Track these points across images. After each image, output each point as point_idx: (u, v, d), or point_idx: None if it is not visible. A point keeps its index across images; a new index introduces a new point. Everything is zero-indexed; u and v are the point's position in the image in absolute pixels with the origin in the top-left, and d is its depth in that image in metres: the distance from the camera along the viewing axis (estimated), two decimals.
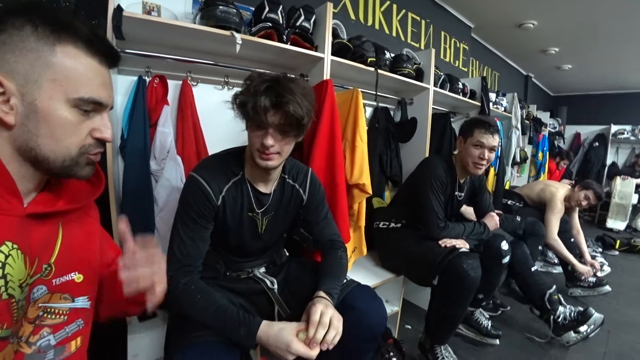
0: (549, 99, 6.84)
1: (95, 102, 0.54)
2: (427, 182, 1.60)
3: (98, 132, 0.57)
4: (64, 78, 0.51)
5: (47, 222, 0.58)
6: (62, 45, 0.51)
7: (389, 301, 1.94)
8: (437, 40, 3.05)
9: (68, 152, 0.54)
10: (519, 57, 4.72)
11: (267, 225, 1.06)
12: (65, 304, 0.60)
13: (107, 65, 0.57)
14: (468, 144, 1.60)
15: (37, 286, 0.56)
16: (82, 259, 0.64)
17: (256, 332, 0.82)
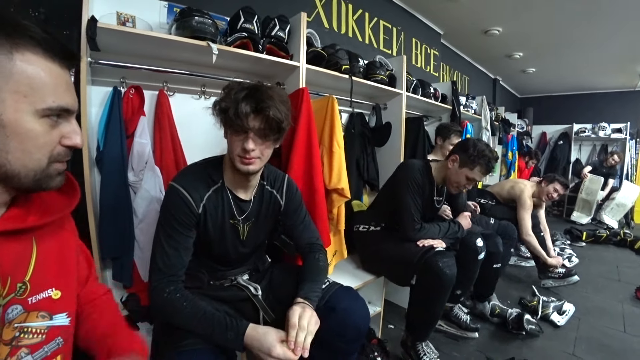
0: (516, 101, 7.19)
1: (63, 109, 0.52)
2: (403, 185, 1.62)
3: (68, 139, 0.54)
4: (28, 88, 0.48)
5: (20, 238, 0.55)
6: (20, 52, 0.47)
7: (371, 302, 1.97)
8: (409, 46, 3.17)
9: (39, 165, 0.52)
10: (486, 62, 4.95)
11: (248, 232, 1.07)
12: (43, 322, 0.57)
13: (67, 68, 0.54)
14: (464, 171, 1.58)
15: (11, 306, 0.53)
16: (59, 275, 0.61)
17: (244, 334, 0.83)
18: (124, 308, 1.30)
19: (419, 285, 1.54)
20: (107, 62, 1.18)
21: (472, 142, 1.58)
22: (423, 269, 1.49)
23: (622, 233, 3.76)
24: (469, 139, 1.68)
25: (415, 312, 1.64)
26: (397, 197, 1.65)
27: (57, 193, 0.61)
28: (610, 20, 3.22)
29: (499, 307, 2.06)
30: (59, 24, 1.24)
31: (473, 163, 1.54)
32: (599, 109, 6.23)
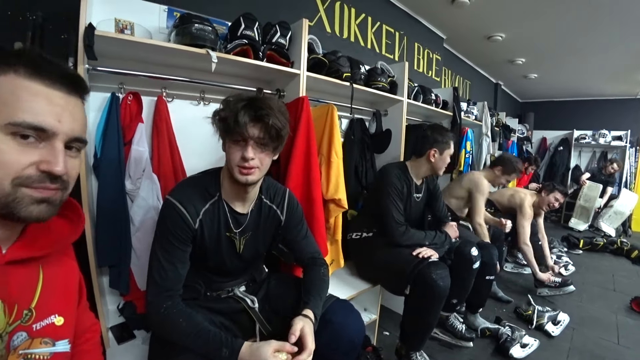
0: (517, 105, 7.18)
1: (34, 128, 0.48)
2: (384, 192, 1.70)
3: (45, 164, 0.50)
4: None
5: (27, 265, 0.56)
6: (3, 75, 0.48)
7: (367, 309, 1.97)
8: (411, 51, 3.16)
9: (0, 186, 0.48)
10: (488, 67, 4.95)
11: (245, 245, 1.07)
12: (46, 348, 0.58)
13: (61, 90, 0.52)
14: (445, 155, 1.76)
15: (17, 333, 0.53)
16: (62, 301, 0.62)
17: (238, 352, 0.83)
18: (120, 315, 1.30)
19: (412, 296, 1.55)
20: (105, 69, 1.17)
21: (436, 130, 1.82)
22: (416, 280, 1.50)
23: (619, 242, 3.77)
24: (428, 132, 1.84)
25: (409, 322, 1.64)
26: (380, 205, 1.70)
27: (63, 221, 0.60)
28: (613, 28, 3.21)
29: (488, 329, 2.04)
30: (56, 27, 1.22)
31: (446, 144, 1.77)
32: (600, 116, 6.23)
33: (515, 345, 1.85)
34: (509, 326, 1.98)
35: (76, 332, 0.68)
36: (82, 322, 0.73)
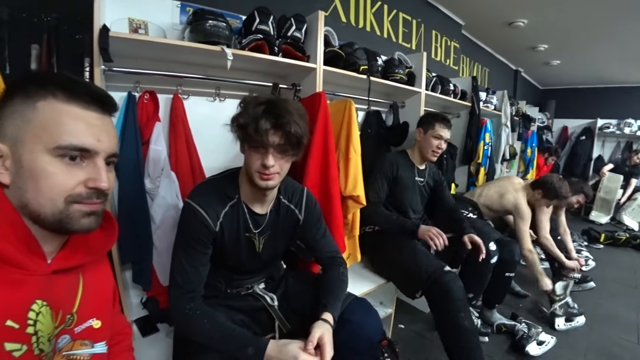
0: (538, 93, 6.93)
1: (78, 149, 0.53)
2: (375, 167, 1.79)
3: (92, 181, 0.55)
4: (42, 130, 0.51)
5: (69, 274, 0.60)
6: (43, 99, 0.51)
7: (383, 303, 1.98)
8: (428, 39, 3.06)
9: (54, 204, 0.52)
10: (508, 53, 4.76)
11: (264, 245, 1.08)
12: (85, 350, 0.62)
13: (95, 111, 0.56)
14: (429, 135, 1.78)
15: (61, 336, 0.58)
16: (99, 305, 0.66)
17: (264, 350, 0.84)
18: (144, 308, 1.34)
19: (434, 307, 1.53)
20: (121, 69, 1.16)
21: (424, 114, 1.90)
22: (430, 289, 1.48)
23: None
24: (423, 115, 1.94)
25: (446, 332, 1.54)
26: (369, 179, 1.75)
27: (99, 231, 0.63)
28: None
29: (504, 325, 2.01)
30: (71, 28, 1.23)
31: (431, 123, 1.77)
32: (626, 104, 5.91)
33: (532, 343, 1.82)
34: (526, 323, 1.95)
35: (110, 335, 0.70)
36: (114, 324, 0.75)
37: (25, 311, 0.50)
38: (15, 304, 0.49)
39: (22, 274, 0.51)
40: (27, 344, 0.50)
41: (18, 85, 0.52)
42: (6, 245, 0.49)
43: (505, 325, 2.00)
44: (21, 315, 0.50)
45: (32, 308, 0.51)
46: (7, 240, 0.50)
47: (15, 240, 0.51)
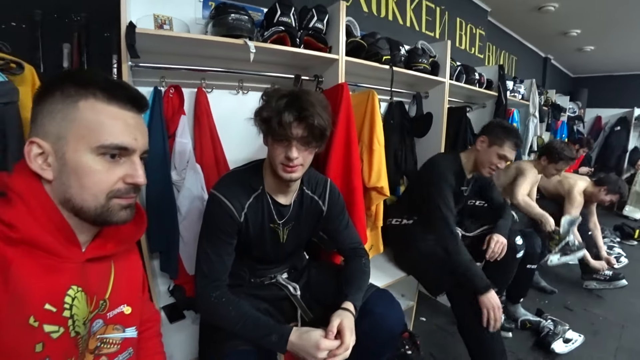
0: (569, 81, 6.59)
1: (118, 148, 0.56)
2: (434, 189, 1.53)
3: (130, 177, 0.58)
4: (86, 129, 0.54)
5: (102, 262, 0.64)
6: (84, 99, 0.54)
7: (404, 295, 1.98)
8: (453, 27, 2.96)
9: (97, 200, 0.56)
10: (538, 40, 4.53)
11: (288, 235, 1.09)
12: (117, 334, 0.66)
13: (131, 110, 0.59)
14: (493, 150, 1.54)
15: (96, 320, 0.62)
16: (129, 292, 0.70)
17: (288, 337, 0.86)
18: (171, 296, 1.39)
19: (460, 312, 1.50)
20: (147, 64, 1.19)
21: (496, 121, 1.61)
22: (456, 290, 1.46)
23: None
24: (493, 120, 1.67)
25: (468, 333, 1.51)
26: (430, 202, 1.55)
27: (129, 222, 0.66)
28: None
29: (529, 321, 1.96)
30: (100, 26, 1.27)
31: (501, 139, 1.53)
32: None
33: (558, 340, 1.77)
34: (552, 319, 1.90)
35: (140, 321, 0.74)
36: (144, 312, 0.79)
37: (62, 296, 0.54)
38: (53, 288, 0.53)
39: (59, 261, 0.54)
40: (64, 327, 0.53)
41: (57, 84, 0.54)
42: (46, 236, 0.53)
43: (530, 321, 1.95)
44: (58, 299, 0.53)
45: (68, 293, 0.54)
46: (46, 230, 0.53)
47: (54, 231, 0.55)
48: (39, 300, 0.51)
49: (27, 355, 0.49)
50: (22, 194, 0.52)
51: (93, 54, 1.28)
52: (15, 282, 0.48)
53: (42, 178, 0.55)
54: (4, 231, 0.49)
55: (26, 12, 1.18)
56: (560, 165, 2.24)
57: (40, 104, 0.54)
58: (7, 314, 0.46)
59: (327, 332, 0.87)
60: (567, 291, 2.42)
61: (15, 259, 0.49)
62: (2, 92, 0.70)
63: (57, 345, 0.52)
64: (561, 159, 2.21)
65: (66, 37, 1.24)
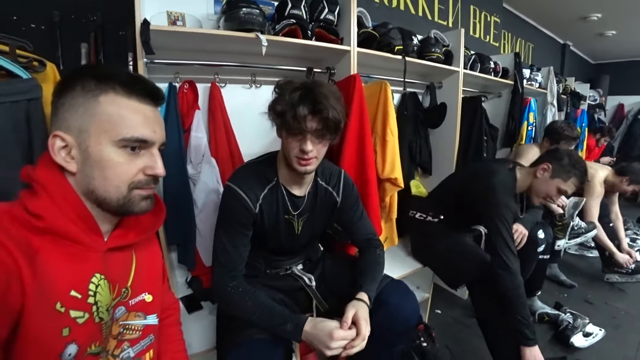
0: (589, 68, 6.35)
1: (139, 140, 0.58)
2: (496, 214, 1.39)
3: (150, 169, 0.60)
4: (107, 123, 0.56)
5: (124, 251, 0.66)
6: (104, 94, 0.56)
7: (419, 287, 1.97)
8: (466, 15, 2.89)
9: (119, 191, 0.58)
10: (556, 26, 4.39)
11: (302, 227, 1.10)
12: (139, 321, 0.68)
13: (149, 104, 0.61)
14: (555, 183, 1.44)
15: (118, 307, 0.64)
16: (150, 281, 0.72)
17: (303, 327, 0.87)
18: (189, 287, 1.43)
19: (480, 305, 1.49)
20: (162, 60, 1.21)
21: (566, 152, 1.48)
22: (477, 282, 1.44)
23: None
24: (561, 149, 1.56)
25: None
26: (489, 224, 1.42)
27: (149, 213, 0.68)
28: None
29: (547, 314, 1.92)
30: (115, 25, 1.30)
31: (568, 173, 1.42)
32: None
33: (577, 334, 1.73)
34: (571, 313, 1.86)
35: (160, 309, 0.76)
36: (165, 300, 0.81)
37: (86, 283, 0.56)
38: (78, 276, 0.55)
39: (83, 250, 0.57)
40: (88, 312, 0.55)
41: (77, 79, 0.56)
42: (70, 225, 0.55)
43: (548, 315, 1.91)
44: (83, 286, 0.55)
45: (92, 280, 0.56)
46: (70, 220, 0.55)
47: (78, 220, 0.57)
48: (65, 287, 0.53)
49: (55, 339, 0.51)
50: (47, 185, 0.54)
51: (109, 53, 1.31)
52: (42, 269, 0.50)
53: (65, 170, 0.57)
54: (30, 221, 0.51)
55: (45, 14, 1.22)
56: (563, 146, 2.15)
57: (62, 98, 0.56)
58: (36, 300, 0.48)
59: (342, 323, 0.88)
60: (587, 285, 2.36)
61: (41, 247, 0.51)
62: (26, 88, 0.73)
63: (83, 330, 0.54)
64: (562, 139, 2.16)
65: (83, 36, 1.27)
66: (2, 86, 0.71)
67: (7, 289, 0.44)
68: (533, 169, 1.52)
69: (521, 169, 1.59)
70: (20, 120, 0.74)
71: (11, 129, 0.73)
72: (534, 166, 1.53)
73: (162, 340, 0.78)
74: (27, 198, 0.53)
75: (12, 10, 1.18)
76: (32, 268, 0.48)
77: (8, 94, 0.71)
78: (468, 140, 2.26)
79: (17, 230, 0.50)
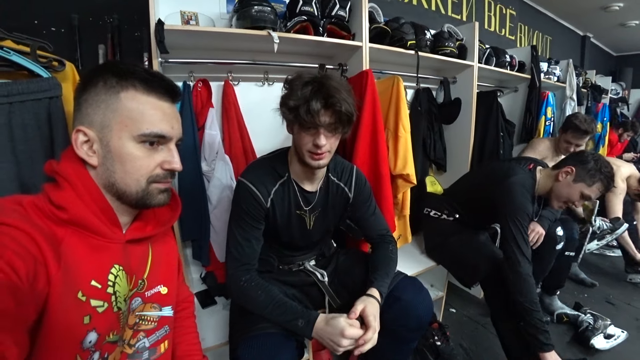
0: (611, 60, 6.12)
1: (157, 136, 0.60)
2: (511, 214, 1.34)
3: (167, 163, 0.62)
4: (128, 119, 0.58)
5: (141, 244, 0.68)
6: (125, 90, 0.58)
7: (433, 285, 1.95)
8: (480, 9, 2.83)
9: (138, 184, 0.60)
10: (574, 17, 4.24)
11: (314, 222, 1.10)
12: (155, 312, 0.70)
13: (167, 101, 0.63)
14: (578, 187, 1.38)
15: (135, 298, 0.66)
16: (166, 274, 0.74)
17: (314, 323, 0.88)
18: (203, 283, 1.45)
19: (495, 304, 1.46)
20: (176, 59, 1.24)
21: (592, 156, 1.41)
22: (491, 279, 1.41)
23: None
24: (587, 151, 1.49)
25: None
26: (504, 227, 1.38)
27: (165, 207, 0.70)
28: None
29: (566, 315, 1.86)
30: (131, 27, 1.34)
31: (592, 178, 1.36)
32: None
33: (598, 335, 1.67)
34: (591, 314, 1.80)
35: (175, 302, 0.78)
36: (180, 293, 0.83)
37: (106, 273, 0.58)
38: (98, 266, 0.57)
39: (104, 241, 0.59)
40: (107, 302, 0.57)
41: (99, 75, 0.58)
42: (92, 217, 0.57)
43: (567, 315, 1.86)
44: (103, 276, 0.57)
45: (111, 271, 0.58)
46: (92, 212, 0.58)
47: (99, 213, 0.59)
48: (87, 277, 0.55)
49: (77, 325, 0.53)
50: (70, 178, 0.57)
51: (126, 53, 1.35)
52: (65, 259, 0.52)
53: (87, 164, 0.59)
54: (54, 212, 0.54)
55: (65, 18, 1.26)
56: (569, 137, 2.06)
57: (85, 94, 0.58)
58: (61, 287, 0.50)
59: (350, 313, 0.89)
60: (609, 284, 2.29)
61: (65, 237, 0.53)
62: (47, 87, 0.76)
63: (102, 318, 0.56)
64: (569, 128, 2.04)
65: (101, 38, 1.31)
66: (25, 85, 0.74)
67: (35, 275, 0.46)
68: (555, 171, 1.46)
69: (543, 170, 1.53)
70: (42, 117, 0.77)
71: (35, 125, 0.76)
72: (556, 169, 1.47)
73: (177, 332, 0.80)
74: (52, 190, 0.56)
75: (34, 15, 1.23)
76: (56, 257, 0.50)
77: (30, 92, 0.74)
78: (484, 136, 2.21)
79: (43, 221, 0.52)
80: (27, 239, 0.47)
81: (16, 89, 0.72)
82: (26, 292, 0.45)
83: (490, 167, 1.80)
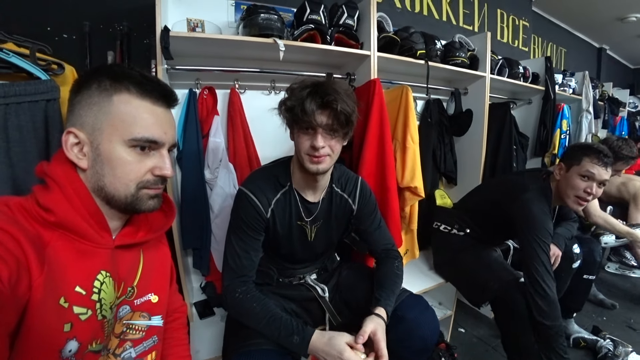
0: (628, 73, 5.99)
1: (149, 141, 0.58)
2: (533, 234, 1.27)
3: (158, 169, 0.61)
4: (119, 122, 0.56)
5: (131, 250, 0.66)
6: (118, 93, 0.56)
7: (442, 303, 1.88)
8: (493, 19, 2.80)
9: (128, 189, 0.58)
10: (590, 29, 4.18)
11: (316, 234, 1.07)
12: (143, 321, 0.68)
13: (162, 105, 0.61)
14: (572, 173, 1.34)
15: (122, 306, 0.64)
16: (157, 282, 0.71)
17: (309, 340, 0.84)
18: (203, 292, 1.42)
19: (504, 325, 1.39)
20: (182, 67, 1.23)
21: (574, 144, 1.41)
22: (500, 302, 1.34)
23: None
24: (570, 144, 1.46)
25: None
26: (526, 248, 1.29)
27: (159, 212, 0.68)
28: None
29: (583, 339, 1.75)
30: (140, 34, 1.35)
31: (578, 157, 1.32)
32: None
33: None
34: (611, 339, 1.69)
35: (167, 311, 0.75)
36: (172, 302, 0.81)
37: (91, 279, 0.56)
38: (84, 272, 0.55)
39: (91, 246, 0.57)
40: (91, 309, 0.55)
41: (93, 77, 0.57)
42: (80, 221, 0.55)
43: (585, 340, 1.75)
44: (88, 282, 0.55)
45: (97, 277, 0.56)
46: (81, 216, 0.56)
47: (88, 217, 0.57)
48: (71, 282, 0.53)
49: (56, 333, 0.50)
50: (59, 180, 0.55)
51: (134, 60, 1.36)
52: (49, 263, 0.50)
53: (77, 167, 0.57)
54: (41, 214, 0.52)
55: (76, 25, 1.28)
56: (619, 166, 2.00)
57: (78, 95, 0.57)
58: (42, 293, 0.48)
59: (357, 337, 0.84)
60: (630, 308, 2.16)
61: (51, 241, 0.51)
62: (44, 89, 0.76)
63: (85, 326, 0.54)
64: (619, 159, 1.94)
65: (111, 45, 1.32)
66: (22, 86, 0.74)
67: (17, 278, 0.45)
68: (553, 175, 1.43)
69: (553, 180, 1.46)
70: (39, 120, 0.77)
71: (30, 127, 0.76)
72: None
73: (167, 344, 0.77)
74: (40, 192, 0.54)
75: (47, 22, 1.25)
76: (40, 261, 0.48)
77: (27, 94, 0.74)
78: (496, 149, 2.16)
79: (29, 223, 0.50)
80: (11, 241, 0.45)
81: (13, 91, 0.72)
82: (7, 296, 0.43)
83: (503, 179, 1.74)
